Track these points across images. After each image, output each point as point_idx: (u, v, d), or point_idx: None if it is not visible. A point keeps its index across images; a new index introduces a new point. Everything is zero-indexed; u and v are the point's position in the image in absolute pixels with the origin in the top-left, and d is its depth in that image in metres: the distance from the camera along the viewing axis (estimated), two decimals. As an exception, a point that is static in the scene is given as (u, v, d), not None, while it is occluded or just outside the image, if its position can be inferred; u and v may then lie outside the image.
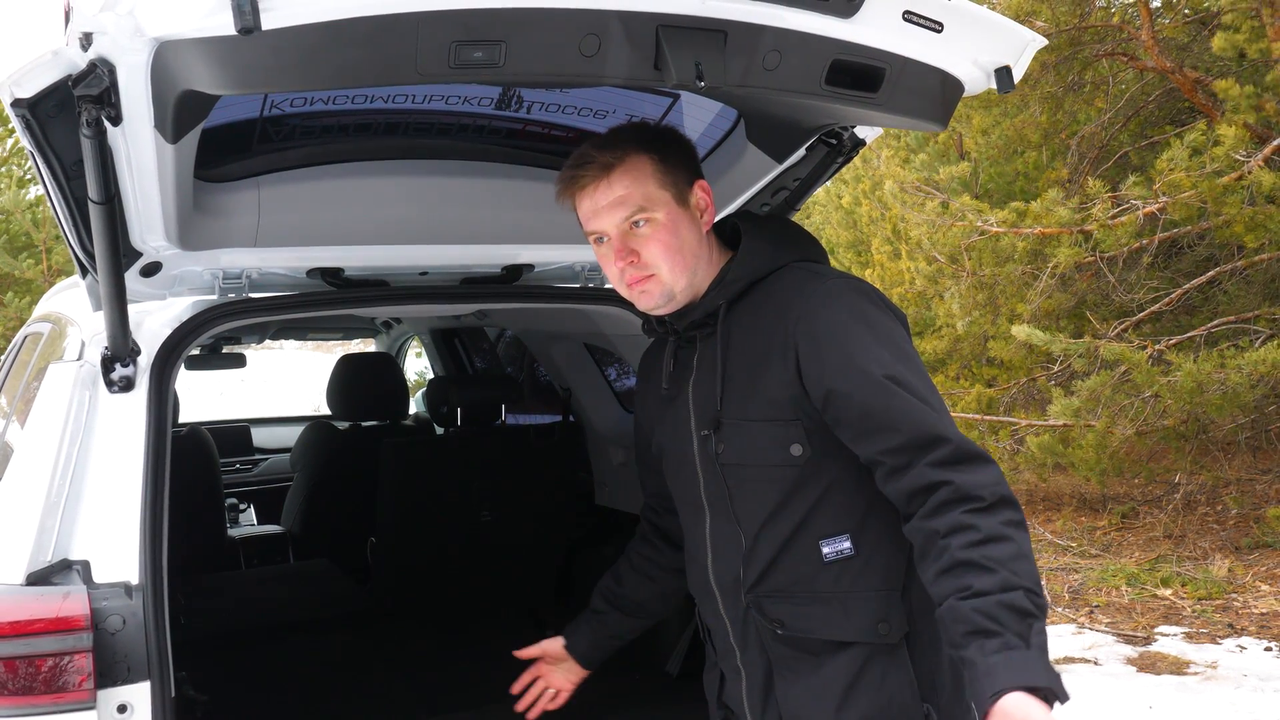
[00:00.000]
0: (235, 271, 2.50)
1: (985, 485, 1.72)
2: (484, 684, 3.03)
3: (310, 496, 4.39)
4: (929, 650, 1.92)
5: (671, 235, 1.92)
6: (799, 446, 1.87)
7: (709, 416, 1.96)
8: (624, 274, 1.94)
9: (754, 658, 1.99)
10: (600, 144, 1.94)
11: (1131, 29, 8.75)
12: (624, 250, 1.92)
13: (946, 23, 1.85)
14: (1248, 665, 5.51)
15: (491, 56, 1.55)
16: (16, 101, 1.77)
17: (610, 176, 1.91)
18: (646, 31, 1.62)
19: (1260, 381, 6.86)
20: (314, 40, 1.46)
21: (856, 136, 2.41)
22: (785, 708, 1.95)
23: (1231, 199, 6.79)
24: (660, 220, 1.92)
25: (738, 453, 1.92)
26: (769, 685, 1.97)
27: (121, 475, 2.18)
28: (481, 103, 2.42)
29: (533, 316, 3.64)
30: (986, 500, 1.70)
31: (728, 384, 1.94)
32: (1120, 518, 8.59)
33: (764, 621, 1.94)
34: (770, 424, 1.88)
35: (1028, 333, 7.12)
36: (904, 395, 1.79)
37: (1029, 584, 1.65)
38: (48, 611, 1.92)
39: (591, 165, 1.92)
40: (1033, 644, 1.60)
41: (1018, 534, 1.70)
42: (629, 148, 1.93)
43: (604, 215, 1.92)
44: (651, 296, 1.95)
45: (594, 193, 1.92)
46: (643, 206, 1.91)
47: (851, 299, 1.89)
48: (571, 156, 1.97)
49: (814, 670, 1.91)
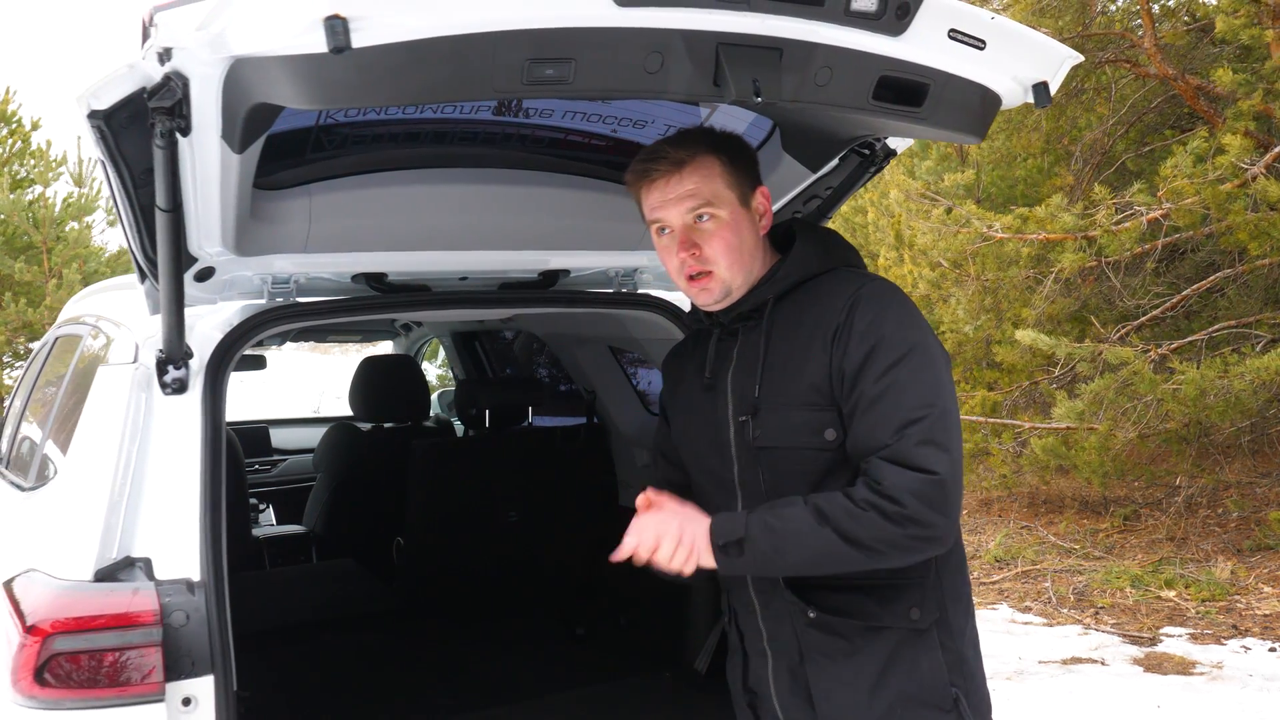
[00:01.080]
0: (284, 277, 2.56)
1: (893, 480, 1.80)
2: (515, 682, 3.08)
3: (334, 497, 4.45)
4: (959, 636, 2.01)
5: (733, 233, 2.01)
6: (832, 431, 1.94)
7: (747, 403, 2.03)
8: (684, 265, 2.03)
9: (784, 641, 2.05)
10: (674, 141, 2.04)
11: (1134, 36, 8.85)
12: (687, 242, 2.01)
13: (989, 40, 1.91)
14: (1253, 666, 5.59)
15: (562, 73, 1.62)
16: (93, 113, 1.84)
17: (682, 172, 2.00)
18: (707, 50, 1.69)
19: (1262, 387, 6.95)
20: (397, 58, 1.52)
21: (888, 147, 2.49)
22: (817, 689, 2.01)
23: (1235, 205, 6.88)
24: (724, 218, 2.01)
25: (773, 436, 1.99)
26: (798, 668, 2.03)
27: (179, 475, 2.25)
28: (528, 113, 2.49)
29: (565, 321, 3.71)
30: (880, 486, 1.80)
31: (767, 373, 2.02)
32: (1122, 520, 8.67)
33: (797, 605, 2.00)
34: (807, 409, 1.96)
35: (1033, 336, 7.20)
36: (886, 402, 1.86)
37: (830, 517, 1.82)
38: (118, 607, 1.98)
39: (665, 160, 2.01)
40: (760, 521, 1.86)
41: (872, 511, 1.79)
42: (700, 148, 2.02)
43: (671, 207, 2.01)
44: (710, 293, 2.04)
45: (664, 185, 2.01)
46: (709, 202, 2.00)
47: (889, 297, 1.99)
48: (643, 151, 2.07)
49: (847, 655, 1.97)
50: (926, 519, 1.79)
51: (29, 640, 1.97)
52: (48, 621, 1.98)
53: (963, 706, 1.97)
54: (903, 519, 1.78)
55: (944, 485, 1.80)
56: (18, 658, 1.98)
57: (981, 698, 2.05)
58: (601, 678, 3.16)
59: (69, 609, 1.99)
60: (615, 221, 2.77)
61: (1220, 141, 6.94)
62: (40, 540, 2.33)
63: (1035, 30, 2.01)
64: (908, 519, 1.78)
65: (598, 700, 2.59)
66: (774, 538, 1.85)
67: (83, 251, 13.63)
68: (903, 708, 1.95)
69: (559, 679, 3.17)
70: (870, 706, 1.95)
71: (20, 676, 1.97)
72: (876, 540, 1.80)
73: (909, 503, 1.78)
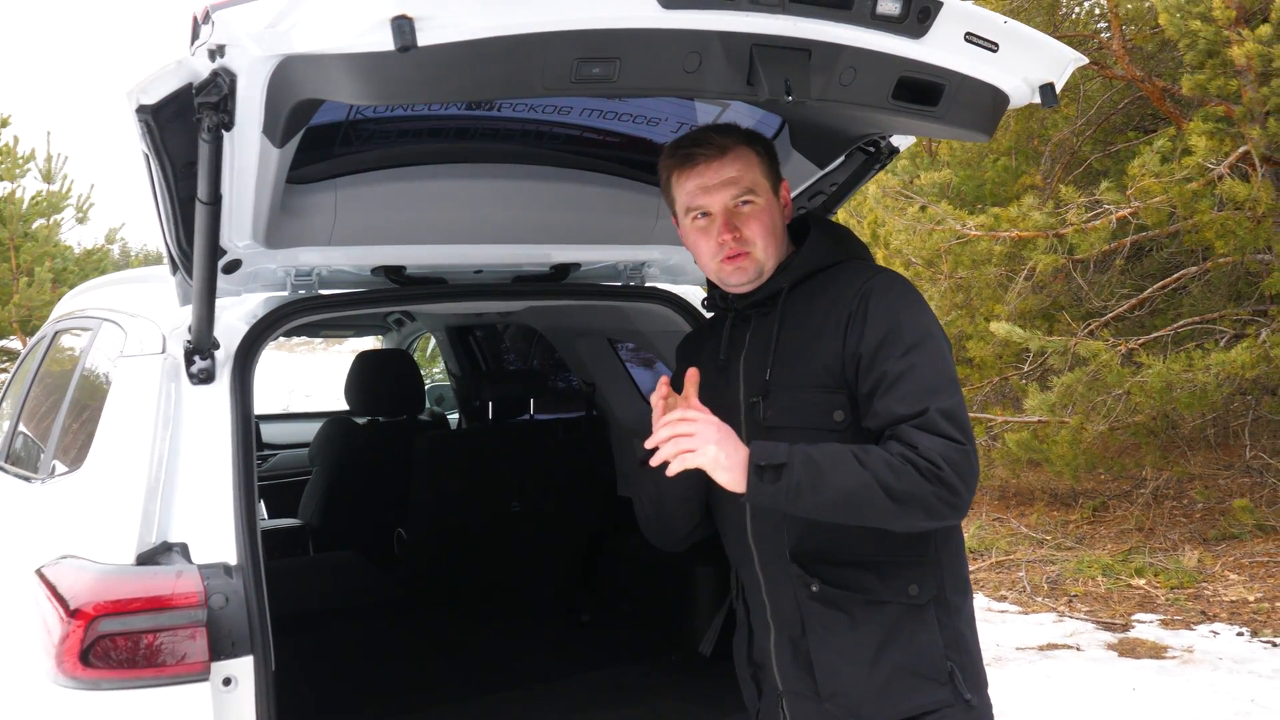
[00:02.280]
0: (307, 269, 2.62)
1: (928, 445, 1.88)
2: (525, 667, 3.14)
3: (331, 490, 4.49)
4: (956, 613, 2.11)
5: (770, 218, 2.13)
6: (841, 413, 2.04)
7: (759, 385, 2.13)
8: (724, 247, 2.11)
9: (787, 613, 2.13)
10: (717, 130, 2.14)
11: (1101, 38, 9.04)
12: (729, 225, 2.10)
13: (1002, 43, 2.01)
14: (1222, 649, 5.76)
15: (608, 72, 1.69)
16: (141, 108, 1.89)
17: (726, 158, 2.10)
18: (742, 50, 1.78)
19: (1226, 380, 7.15)
20: (455, 56, 1.59)
21: (892, 145, 2.58)
22: (818, 659, 2.09)
23: (1201, 204, 7.07)
24: (761, 204, 2.12)
25: (783, 416, 2.08)
26: (800, 640, 2.12)
27: (211, 462, 2.30)
28: (545, 110, 2.57)
29: (571, 314, 3.78)
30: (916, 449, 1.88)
31: (779, 356, 2.12)
32: (1091, 511, 8.86)
33: (802, 578, 2.09)
34: (818, 390, 2.06)
35: (1008, 330, 7.35)
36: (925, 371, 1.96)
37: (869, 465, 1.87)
38: (164, 589, 2.03)
39: (709, 145, 2.11)
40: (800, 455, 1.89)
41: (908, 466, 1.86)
42: (740, 139, 2.13)
43: (715, 192, 2.11)
44: (745, 272, 2.14)
45: (706, 170, 2.11)
46: (751, 189, 2.11)
47: (902, 287, 2.11)
48: (684, 136, 2.16)
49: (848, 627, 2.06)
50: (955, 485, 1.88)
51: (74, 623, 2.02)
52: (92, 604, 2.03)
53: (958, 679, 2.06)
54: (936, 479, 1.86)
55: (970, 456, 1.90)
56: (62, 640, 2.03)
57: (977, 673, 2.14)
58: (608, 662, 3.24)
59: (113, 591, 2.04)
60: (625, 216, 2.85)
61: (1187, 142, 7.13)
62: (72, 528, 2.37)
63: (1044, 34, 2.11)
64: (940, 480, 1.86)
65: (605, 684, 2.66)
66: (813, 470, 1.88)
67: (51, 249, 13.49)
68: (900, 679, 2.04)
69: (566, 664, 3.24)
70: (869, 677, 2.04)
71: (65, 658, 2.02)
72: (908, 494, 1.86)
73: (943, 466, 1.87)
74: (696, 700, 2.99)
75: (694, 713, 2.88)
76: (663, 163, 2.19)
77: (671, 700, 3.02)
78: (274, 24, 1.60)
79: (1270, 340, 7.11)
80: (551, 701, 2.79)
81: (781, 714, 2.17)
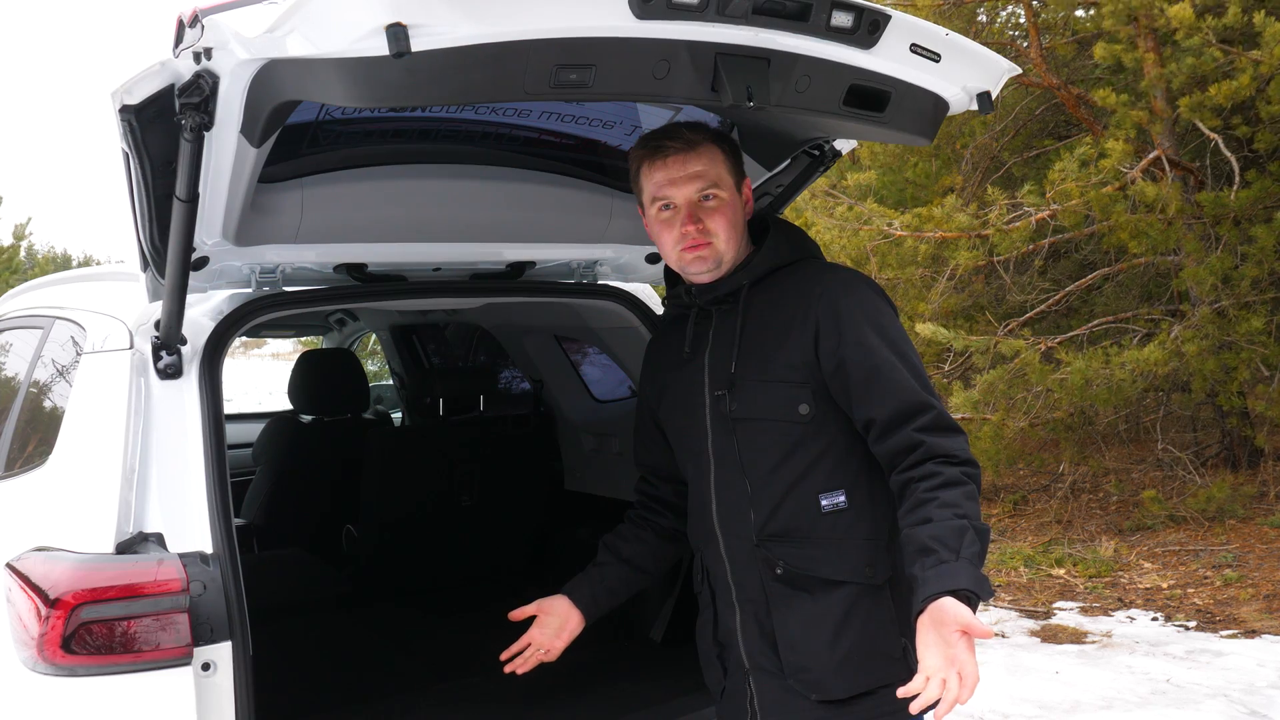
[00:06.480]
0: (271, 266, 2.66)
1: (956, 448, 2.08)
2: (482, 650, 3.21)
3: (276, 489, 4.50)
4: (908, 594, 2.24)
5: (732, 213, 2.25)
6: (806, 406, 2.18)
7: (723, 378, 2.25)
8: (685, 238, 2.23)
9: (752, 594, 2.26)
10: (688, 126, 2.26)
11: (1019, 46, 9.35)
12: (692, 217, 2.22)
13: (944, 54, 2.15)
14: (1139, 633, 6.04)
15: (583, 78, 1.79)
16: (125, 108, 1.94)
17: (694, 152, 2.22)
18: (707, 58, 1.89)
19: (1141, 376, 7.47)
20: (443, 62, 1.67)
21: (835, 149, 2.71)
22: (782, 637, 2.22)
23: (1116, 207, 7.37)
24: (725, 199, 2.24)
25: (748, 409, 2.22)
26: (765, 619, 2.24)
27: (183, 455, 2.34)
28: (505, 113, 2.65)
29: (524, 311, 3.86)
30: (957, 458, 2.06)
31: (743, 351, 2.24)
32: (1012, 505, 9.16)
33: (767, 560, 2.21)
34: (783, 384, 2.19)
35: (932, 330, 7.58)
36: (902, 370, 2.13)
37: (971, 516, 1.99)
38: (145, 576, 2.08)
39: (679, 139, 2.22)
40: (962, 555, 1.91)
41: (971, 482, 2.05)
42: (708, 136, 2.25)
43: (681, 185, 2.22)
44: (705, 261, 2.25)
45: (674, 163, 2.22)
46: (715, 184, 2.23)
47: (866, 287, 2.25)
48: (655, 131, 2.28)
49: (810, 605, 2.19)
50: (976, 463, 2.09)
51: (55, 612, 2.06)
52: (72, 593, 2.07)
53: (910, 657, 2.18)
54: (977, 473, 2.07)
55: (943, 420, 2.11)
56: (42, 629, 2.07)
57: None
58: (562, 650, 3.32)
59: (94, 580, 2.08)
60: (579, 216, 2.94)
61: (1103, 146, 7.43)
62: (41, 521, 2.40)
63: (981, 45, 2.26)
64: (972, 476, 2.06)
65: (562, 670, 2.74)
66: (979, 558, 1.94)
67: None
68: (858, 655, 2.18)
69: None
70: (830, 654, 2.17)
71: (45, 646, 2.06)
72: (976, 496, 2.06)
73: (969, 459, 2.07)
74: (654, 681, 3.09)
75: (653, 694, 2.98)
76: (633, 152, 2.30)
77: (629, 683, 3.11)
78: (272, 29, 1.66)
79: (1181, 336, 7.44)
80: (512, 689, 2.86)
81: (748, 689, 2.29)
